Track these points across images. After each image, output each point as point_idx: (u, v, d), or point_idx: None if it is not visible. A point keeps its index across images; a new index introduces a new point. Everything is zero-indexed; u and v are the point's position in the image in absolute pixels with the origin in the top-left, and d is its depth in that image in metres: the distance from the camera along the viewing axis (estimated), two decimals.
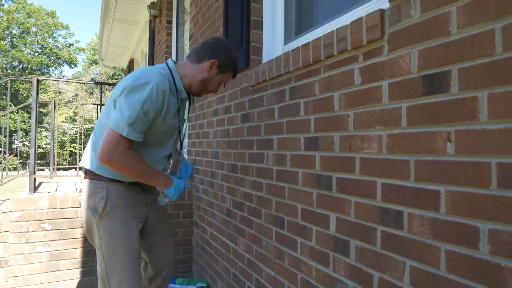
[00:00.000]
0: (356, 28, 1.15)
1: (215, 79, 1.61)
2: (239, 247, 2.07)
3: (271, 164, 1.71)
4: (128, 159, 1.41)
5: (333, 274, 1.26)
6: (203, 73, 1.57)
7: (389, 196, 1.03)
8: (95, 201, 1.51)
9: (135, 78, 1.41)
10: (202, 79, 1.58)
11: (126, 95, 1.39)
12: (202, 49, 1.58)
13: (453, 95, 0.86)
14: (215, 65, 1.56)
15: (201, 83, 1.59)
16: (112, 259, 1.51)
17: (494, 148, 0.77)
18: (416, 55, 0.96)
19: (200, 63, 1.57)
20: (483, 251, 0.78)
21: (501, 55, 0.76)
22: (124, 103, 1.38)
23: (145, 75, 1.42)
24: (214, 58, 1.55)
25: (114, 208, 1.52)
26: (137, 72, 1.45)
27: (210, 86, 1.63)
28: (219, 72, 1.59)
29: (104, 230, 1.51)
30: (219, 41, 1.60)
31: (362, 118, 1.14)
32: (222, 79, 1.63)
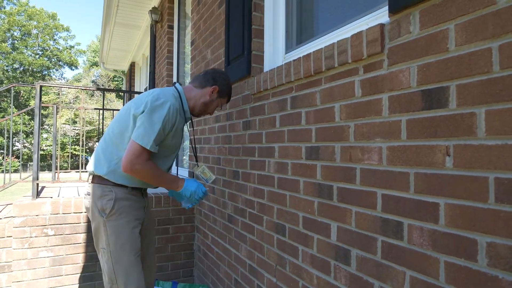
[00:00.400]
0: (356, 42, 1.17)
1: (215, 103, 1.88)
2: (240, 253, 2.09)
3: (272, 171, 1.73)
4: (149, 167, 1.62)
5: (334, 282, 1.28)
6: (205, 97, 1.83)
7: (389, 207, 1.05)
8: (103, 203, 1.66)
9: (155, 99, 1.63)
10: (205, 102, 1.84)
11: (148, 113, 1.60)
12: (205, 77, 1.85)
13: (451, 110, 0.88)
14: (216, 90, 1.83)
15: (203, 105, 1.85)
16: (120, 255, 1.65)
17: (492, 163, 0.79)
18: (416, 70, 0.98)
19: (203, 89, 1.83)
20: (481, 264, 0.80)
21: (498, 73, 0.78)
22: (147, 120, 1.60)
23: (162, 96, 1.66)
24: (215, 84, 1.83)
25: (121, 209, 1.68)
26: (156, 93, 1.68)
27: (210, 108, 1.89)
28: (219, 97, 1.87)
29: (112, 229, 1.66)
30: (219, 72, 1.89)
31: (363, 129, 1.16)
32: (220, 103, 1.91)
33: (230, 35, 2.22)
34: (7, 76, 27.56)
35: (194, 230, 2.98)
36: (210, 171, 2.19)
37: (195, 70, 3.08)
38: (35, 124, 2.50)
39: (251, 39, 1.99)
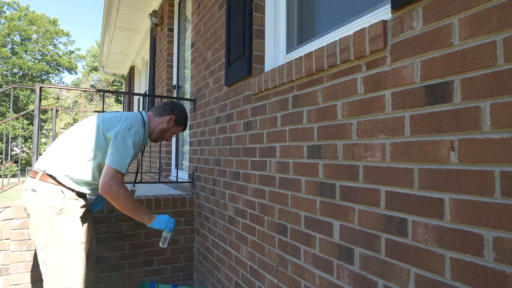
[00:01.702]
0: (359, 39, 1.17)
1: (171, 130, 2.16)
2: (241, 255, 2.07)
3: (274, 171, 1.72)
4: (124, 191, 1.80)
5: (337, 282, 1.27)
6: (163, 125, 2.10)
7: (393, 204, 1.04)
8: (53, 201, 1.78)
9: (128, 127, 1.84)
10: (162, 129, 2.11)
11: (123, 140, 1.80)
12: (164, 108, 2.12)
13: (456, 105, 0.88)
14: (173, 119, 2.12)
15: (161, 132, 2.11)
16: (68, 249, 1.78)
17: (497, 157, 0.78)
18: (419, 65, 0.98)
19: (162, 117, 2.11)
20: (488, 259, 0.79)
21: (502, 66, 0.78)
22: (122, 146, 1.79)
23: (134, 125, 1.86)
24: (172, 114, 2.12)
25: (70, 207, 1.81)
26: (129, 121, 1.86)
27: (167, 135, 2.15)
28: (175, 125, 2.15)
29: (61, 226, 1.78)
30: (177, 103, 2.18)
31: (366, 126, 1.16)
32: (176, 130, 2.17)
33: (230, 36, 2.22)
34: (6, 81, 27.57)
35: (194, 233, 2.96)
36: None
37: (195, 72, 3.08)
38: (35, 126, 2.49)
39: (252, 40, 1.99)
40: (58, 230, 1.77)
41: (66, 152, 1.82)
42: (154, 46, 4.99)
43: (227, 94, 2.33)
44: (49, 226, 1.77)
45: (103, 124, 1.85)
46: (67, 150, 1.83)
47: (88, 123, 1.90)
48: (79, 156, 1.81)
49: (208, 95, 2.72)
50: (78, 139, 1.84)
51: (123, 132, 1.81)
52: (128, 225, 2.68)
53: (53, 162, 1.81)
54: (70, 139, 1.86)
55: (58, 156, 1.82)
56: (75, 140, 1.84)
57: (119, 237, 2.66)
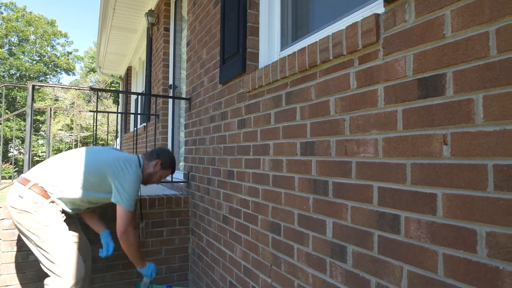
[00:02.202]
0: (351, 33, 1.15)
1: (158, 174, 2.33)
2: (235, 255, 2.05)
3: (267, 169, 1.70)
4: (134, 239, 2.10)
5: (330, 280, 1.25)
6: (150, 169, 2.28)
7: (386, 200, 1.02)
8: (38, 206, 1.91)
9: (132, 172, 2.06)
10: (150, 173, 2.28)
11: (130, 185, 2.03)
12: (152, 153, 2.33)
13: (448, 97, 0.86)
14: (159, 163, 2.30)
15: (148, 175, 2.28)
16: (60, 241, 1.93)
17: (490, 150, 0.77)
18: (411, 58, 0.96)
19: (150, 162, 2.29)
20: (481, 255, 0.77)
21: (495, 57, 0.76)
22: (129, 190, 2.02)
23: (135, 171, 2.09)
24: (158, 159, 2.30)
25: (52, 206, 1.96)
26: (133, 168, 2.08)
27: (154, 178, 2.33)
28: (162, 169, 2.33)
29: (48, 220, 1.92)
30: (164, 149, 2.38)
31: (358, 122, 1.14)
32: (162, 174, 2.35)
33: (225, 34, 2.20)
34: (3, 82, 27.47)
35: (189, 233, 2.93)
36: None
37: (190, 71, 3.06)
38: (27, 124, 2.46)
39: (246, 37, 1.97)
40: (47, 225, 1.92)
41: (67, 174, 1.99)
42: (150, 46, 4.96)
43: (222, 92, 2.31)
44: (36, 223, 1.91)
45: (111, 167, 2.02)
46: (69, 173, 1.99)
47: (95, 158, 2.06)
48: (77, 184, 1.99)
49: (203, 94, 2.70)
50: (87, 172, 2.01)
51: (132, 180, 2.04)
52: None
53: (49, 177, 1.96)
54: (71, 165, 2.02)
55: (57, 173, 1.98)
56: (76, 169, 2.01)
57: (114, 237, 2.63)
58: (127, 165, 2.05)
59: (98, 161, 2.04)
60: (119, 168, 2.03)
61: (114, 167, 2.02)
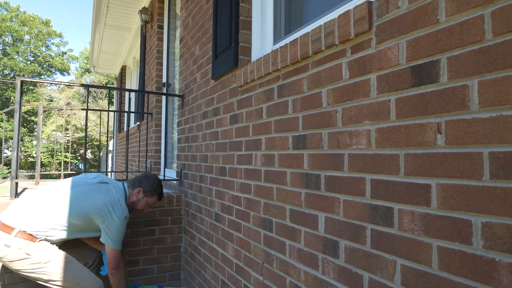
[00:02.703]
0: (343, 22, 1.12)
1: (142, 201, 2.28)
2: (227, 252, 2.01)
3: (259, 165, 1.66)
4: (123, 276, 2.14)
5: (322, 276, 1.21)
6: (133, 197, 2.25)
7: (379, 193, 0.99)
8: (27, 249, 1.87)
9: (117, 216, 2.03)
10: (133, 201, 2.25)
11: (117, 228, 2.03)
12: (134, 181, 2.30)
13: (442, 84, 0.83)
14: (142, 191, 2.27)
15: (131, 204, 2.25)
16: (64, 267, 1.93)
17: (486, 137, 0.74)
18: (405, 46, 0.93)
19: (133, 190, 2.27)
20: (477, 246, 0.74)
21: (491, 41, 0.73)
22: (116, 233, 2.04)
23: (122, 213, 2.06)
24: (140, 186, 2.27)
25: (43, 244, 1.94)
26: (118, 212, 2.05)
27: (139, 206, 2.28)
28: (145, 196, 2.29)
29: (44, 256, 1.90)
30: (147, 175, 2.34)
31: (351, 113, 1.11)
32: (148, 201, 2.31)
33: (217, 28, 2.17)
34: None
35: (181, 232, 2.88)
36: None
37: (183, 68, 3.03)
38: (15, 120, 2.41)
39: (239, 31, 1.94)
40: (48, 260, 1.90)
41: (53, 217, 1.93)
42: (144, 44, 4.92)
43: (214, 88, 2.27)
44: (36, 264, 1.88)
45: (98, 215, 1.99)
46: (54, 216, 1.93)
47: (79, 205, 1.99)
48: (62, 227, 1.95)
49: (195, 90, 2.66)
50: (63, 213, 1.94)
51: (118, 224, 2.04)
52: None
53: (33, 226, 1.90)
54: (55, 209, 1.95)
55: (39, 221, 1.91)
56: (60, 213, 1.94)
57: None
58: (113, 211, 2.03)
59: (83, 207, 1.99)
60: (105, 215, 2.00)
61: (100, 214, 2.00)
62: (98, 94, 26.90)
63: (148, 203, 2.32)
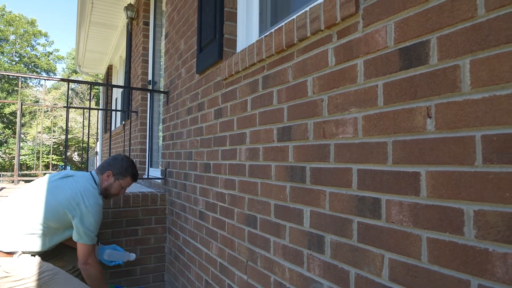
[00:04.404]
0: (329, 5, 1.07)
1: (115, 185, 2.13)
2: (211, 252, 1.94)
3: (243, 159, 1.60)
4: (98, 272, 1.93)
5: (307, 274, 1.15)
6: (104, 183, 2.11)
7: (366, 183, 0.94)
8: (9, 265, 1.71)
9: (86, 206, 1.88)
10: (105, 187, 2.11)
11: (88, 219, 1.87)
12: (102, 165, 2.14)
13: (432, 66, 0.78)
14: (111, 174, 2.11)
15: (104, 190, 2.12)
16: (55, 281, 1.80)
17: (478, 120, 0.69)
18: (393, 27, 0.88)
19: (102, 175, 2.11)
20: (469, 236, 0.70)
21: (483, 17, 0.69)
22: (88, 225, 1.88)
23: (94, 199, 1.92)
24: (109, 170, 2.12)
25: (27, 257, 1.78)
26: (90, 199, 1.90)
27: (112, 190, 2.14)
28: (116, 179, 2.13)
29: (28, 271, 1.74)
30: (115, 157, 2.17)
31: (337, 101, 1.06)
32: (121, 184, 2.15)
33: (202, 21, 2.11)
34: None
35: (165, 232, 2.80)
36: None
37: (168, 64, 2.95)
38: None
39: (223, 22, 1.88)
40: (31, 275, 1.75)
41: (18, 229, 1.77)
42: (130, 41, 4.82)
43: (199, 82, 2.20)
44: (19, 281, 1.73)
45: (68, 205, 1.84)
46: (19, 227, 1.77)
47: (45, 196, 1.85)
48: (37, 231, 1.80)
49: (180, 86, 2.59)
50: (35, 215, 1.80)
51: (89, 213, 1.88)
52: None
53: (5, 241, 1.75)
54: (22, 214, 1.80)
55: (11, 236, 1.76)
56: (32, 215, 1.80)
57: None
58: (81, 200, 1.87)
59: (52, 206, 1.83)
60: (73, 208, 1.85)
61: (69, 208, 1.84)
62: (85, 95, 26.49)
63: (122, 186, 2.16)
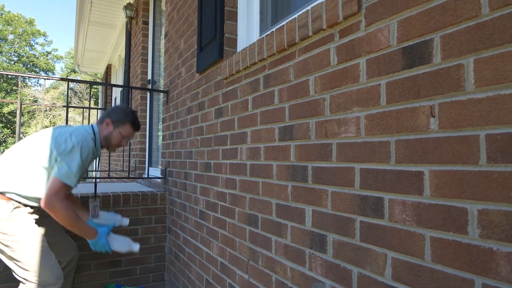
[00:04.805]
0: (331, 5, 1.07)
1: (115, 133, 2.04)
2: (212, 251, 1.94)
3: (245, 159, 1.60)
4: (66, 206, 1.75)
5: (309, 273, 1.15)
6: (104, 132, 2.03)
7: (368, 182, 0.94)
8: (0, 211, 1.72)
9: (76, 143, 1.81)
10: (105, 136, 2.03)
11: (70, 153, 1.78)
12: (102, 115, 2.06)
13: (435, 65, 0.78)
14: (110, 122, 2.03)
15: (104, 139, 2.04)
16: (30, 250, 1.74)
17: (482, 119, 0.69)
18: (395, 26, 0.88)
19: (101, 125, 2.04)
20: (473, 236, 0.70)
21: (487, 16, 0.69)
22: (69, 159, 1.77)
23: (82, 140, 1.84)
24: (108, 117, 2.03)
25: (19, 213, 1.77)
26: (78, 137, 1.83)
27: (113, 139, 2.05)
28: (115, 127, 2.04)
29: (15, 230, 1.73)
30: (115, 106, 2.10)
31: (339, 100, 1.05)
32: (121, 132, 2.05)
33: (202, 20, 2.10)
34: None
35: (165, 231, 2.79)
36: None
37: (168, 63, 2.94)
38: None
39: (224, 21, 1.88)
40: (14, 234, 1.74)
41: (15, 169, 1.78)
42: (129, 41, 4.81)
43: (199, 81, 2.20)
44: (2, 234, 1.74)
45: (55, 142, 1.81)
46: (16, 167, 1.78)
47: (40, 139, 1.84)
48: (30, 174, 1.78)
49: (180, 85, 2.58)
50: (29, 156, 1.80)
51: (71, 148, 1.80)
52: None
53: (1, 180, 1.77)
54: (20, 155, 1.81)
55: (6, 173, 1.78)
56: (26, 156, 1.80)
57: None
58: (69, 137, 1.81)
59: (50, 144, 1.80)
60: (60, 143, 1.79)
61: (57, 143, 1.80)
62: (84, 95, 26.44)
63: (123, 135, 2.06)
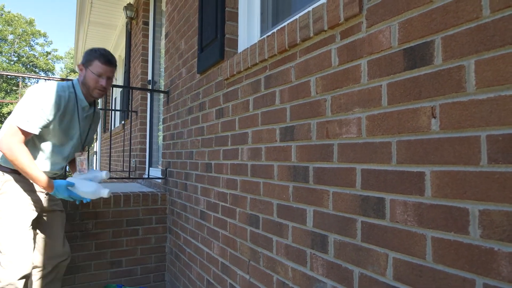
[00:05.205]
0: (333, 6, 1.07)
1: (87, 75, 1.86)
2: (213, 251, 1.94)
3: (246, 159, 1.60)
4: (21, 151, 1.66)
5: (310, 273, 1.16)
6: (80, 77, 1.90)
7: (370, 183, 0.94)
8: None
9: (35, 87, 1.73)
10: (82, 82, 1.88)
11: (25, 99, 1.69)
12: None
13: (437, 66, 0.79)
14: (81, 66, 1.88)
15: (83, 86, 1.89)
16: (9, 231, 1.71)
17: (483, 120, 0.69)
18: (397, 28, 0.89)
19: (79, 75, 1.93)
20: (474, 236, 0.70)
21: (488, 17, 0.69)
22: (25, 104, 1.68)
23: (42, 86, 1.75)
24: (80, 62, 1.90)
25: (11, 189, 1.74)
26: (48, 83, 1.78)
27: (88, 82, 1.87)
28: (86, 68, 1.87)
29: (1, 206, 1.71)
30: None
31: (340, 101, 1.06)
32: (91, 71, 1.85)
33: (203, 21, 2.11)
34: None
35: (166, 231, 2.80)
36: None
37: (168, 63, 2.95)
38: None
39: (225, 22, 1.88)
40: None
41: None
42: (129, 41, 4.81)
43: (200, 82, 2.21)
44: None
45: None
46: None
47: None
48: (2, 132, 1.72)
49: (181, 86, 2.59)
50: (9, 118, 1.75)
51: (27, 93, 1.72)
52: (94, 224, 2.50)
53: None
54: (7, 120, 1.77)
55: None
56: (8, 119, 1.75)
57: (84, 236, 2.48)
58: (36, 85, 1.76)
59: None
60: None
61: None
62: None
63: (95, 73, 1.85)
